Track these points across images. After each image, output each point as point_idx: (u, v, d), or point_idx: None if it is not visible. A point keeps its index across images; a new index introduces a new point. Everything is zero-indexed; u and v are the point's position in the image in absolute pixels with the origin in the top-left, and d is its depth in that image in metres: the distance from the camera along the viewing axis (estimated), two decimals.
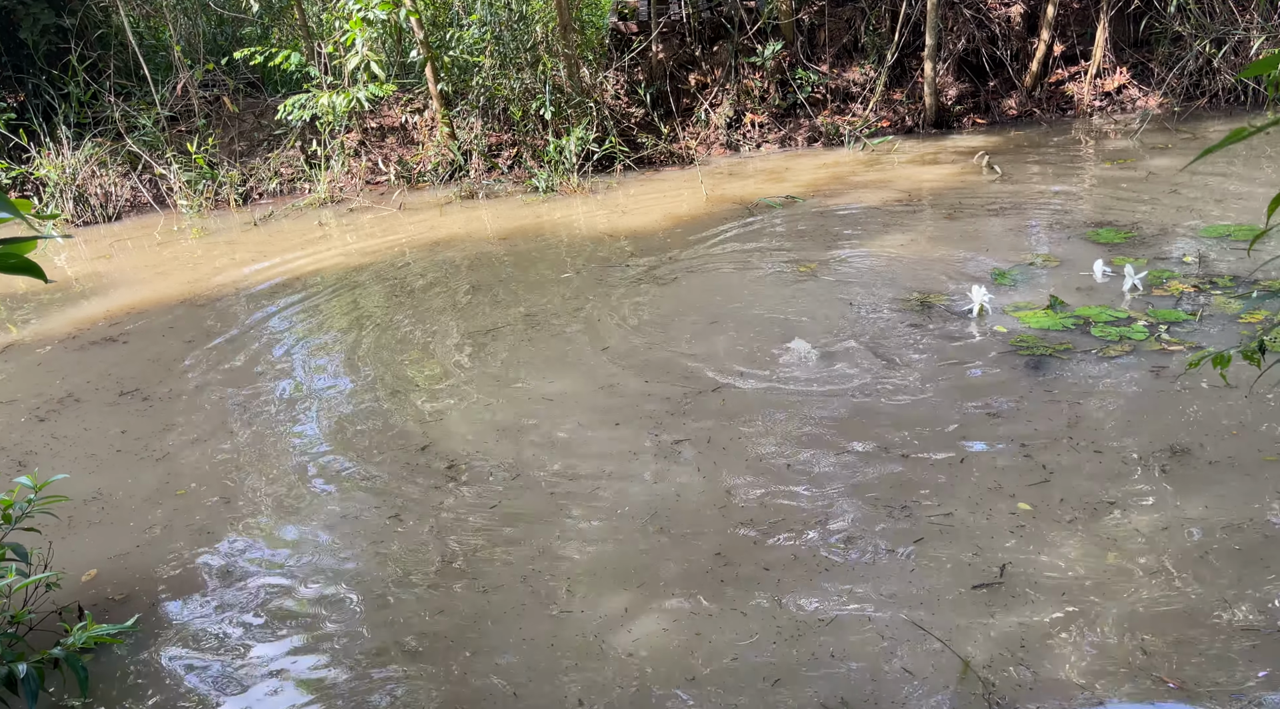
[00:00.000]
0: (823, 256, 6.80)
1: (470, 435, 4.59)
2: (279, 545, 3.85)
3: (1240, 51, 10.44)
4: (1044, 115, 11.10)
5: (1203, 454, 3.85)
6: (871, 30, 11.23)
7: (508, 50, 10.37)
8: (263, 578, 3.65)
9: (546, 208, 9.10)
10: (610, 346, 5.51)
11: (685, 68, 11.37)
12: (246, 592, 3.57)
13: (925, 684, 2.84)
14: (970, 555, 3.40)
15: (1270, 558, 3.22)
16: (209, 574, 3.70)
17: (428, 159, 10.55)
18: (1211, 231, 6.46)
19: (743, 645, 3.06)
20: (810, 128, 11.02)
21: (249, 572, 3.69)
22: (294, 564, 3.71)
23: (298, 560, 3.73)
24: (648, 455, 4.26)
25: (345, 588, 3.54)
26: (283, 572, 3.67)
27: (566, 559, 3.59)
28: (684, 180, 9.74)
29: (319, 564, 3.70)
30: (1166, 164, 8.56)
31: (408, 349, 5.77)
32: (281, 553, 3.79)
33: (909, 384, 4.70)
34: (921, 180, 8.89)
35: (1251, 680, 2.73)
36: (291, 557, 3.76)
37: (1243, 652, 2.84)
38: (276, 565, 3.71)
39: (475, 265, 7.39)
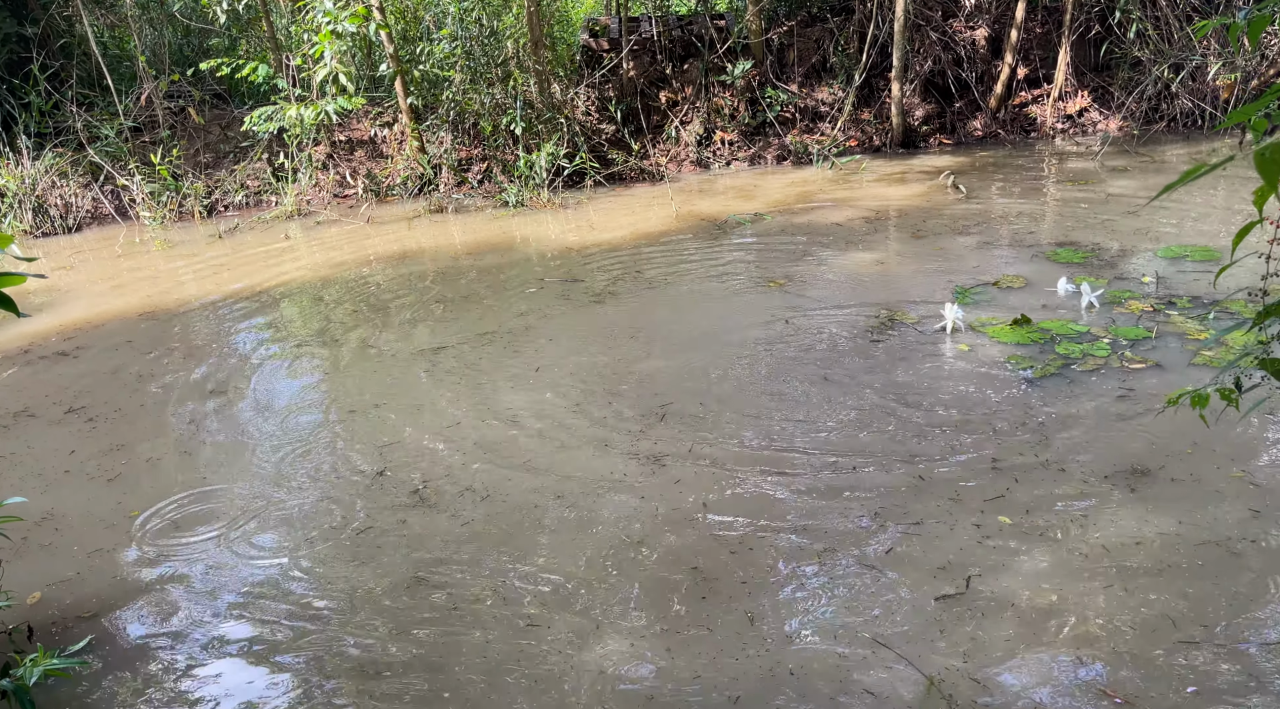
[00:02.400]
0: (791, 273, 6.84)
1: (437, 454, 4.55)
2: (235, 569, 3.77)
3: (1197, 76, 10.69)
4: (1008, 136, 11.29)
5: (1163, 472, 3.91)
6: (840, 51, 11.37)
7: (478, 65, 10.36)
8: (219, 602, 3.57)
9: (516, 222, 9.08)
10: (579, 363, 5.49)
11: (656, 85, 11.44)
12: (201, 616, 3.49)
13: (889, 701, 2.84)
14: (937, 567, 3.42)
15: (1221, 574, 3.26)
16: (163, 598, 3.62)
17: (396, 172, 10.50)
18: (1168, 253, 6.58)
19: (708, 663, 3.04)
20: (780, 146, 11.11)
21: (204, 596, 3.61)
22: (251, 588, 3.64)
23: (255, 584, 3.66)
24: (619, 472, 4.24)
25: (305, 610, 3.48)
26: (239, 596, 3.60)
27: (538, 577, 3.56)
28: (654, 196, 9.77)
29: (278, 587, 3.63)
30: (1126, 186, 8.73)
31: (373, 365, 5.71)
32: (238, 576, 3.72)
33: (877, 398, 4.73)
34: (888, 199, 8.99)
35: (1188, 692, 2.76)
36: (248, 580, 3.69)
37: (1184, 665, 2.87)
38: (233, 589, 3.64)
39: (442, 280, 7.35)
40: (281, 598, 3.54)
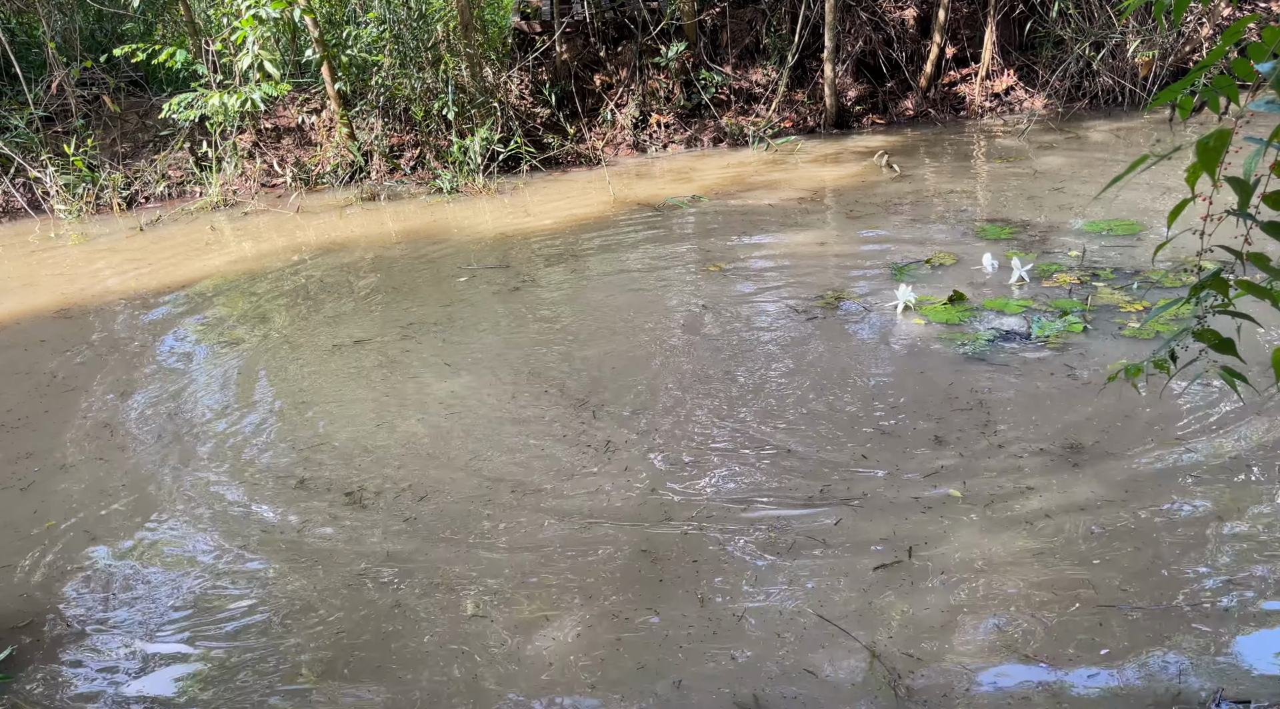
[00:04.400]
0: (731, 256, 6.85)
1: (370, 453, 4.45)
2: (161, 578, 3.64)
3: (1117, 54, 10.98)
4: (939, 115, 11.46)
5: (1099, 444, 4.00)
6: (773, 32, 11.39)
7: (408, 49, 10.14)
8: (144, 613, 3.44)
9: (451, 209, 8.93)
10: (515, 353, 5.42)
11: (590, 68, 11.33)
12: (127, 628, 3.36)
13: (835, 675, 2.86)
14: (880, 539, 3.46)
15: (1148, 540, 3.36)
16: (84, 611, 3.47)
17: (326, 160, 10.24)
18: (1094, 227, 6.76)
19: (654, 650, 3.03)
20: (715, 128, 11.11)
21: (128, 607, 3.48)
22: (180, 598, 3.52)
23: (184, 593, 3.54)
24: (564, 460, 4.20)
25: (238, 617, 3.37)
26: (167, 605, 3.48)
27: (482, 572, 3.50)
28: (591, 181, 9.69)
29: (209, 596, 3.51)
30: (1053, 162, 8.93)
31: (302, 361, 5.56)
32: (165, 586, 3.59)
33: (820, 378, 4.76)
34: (824, 179, 9.06)
35: (1101, 654, 2.84)
36: (176, 590, 3.57)
37: (1100, 629, 2.94)
38: (160, 599, 3.51)
39: (375, 270, 7.19)
40: (213, 607, 3.42)
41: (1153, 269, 5.75)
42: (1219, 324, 1.97)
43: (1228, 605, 3.00)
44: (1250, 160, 1.53)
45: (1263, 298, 1.67)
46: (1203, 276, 1.67)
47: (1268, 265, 1.66)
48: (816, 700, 2.78)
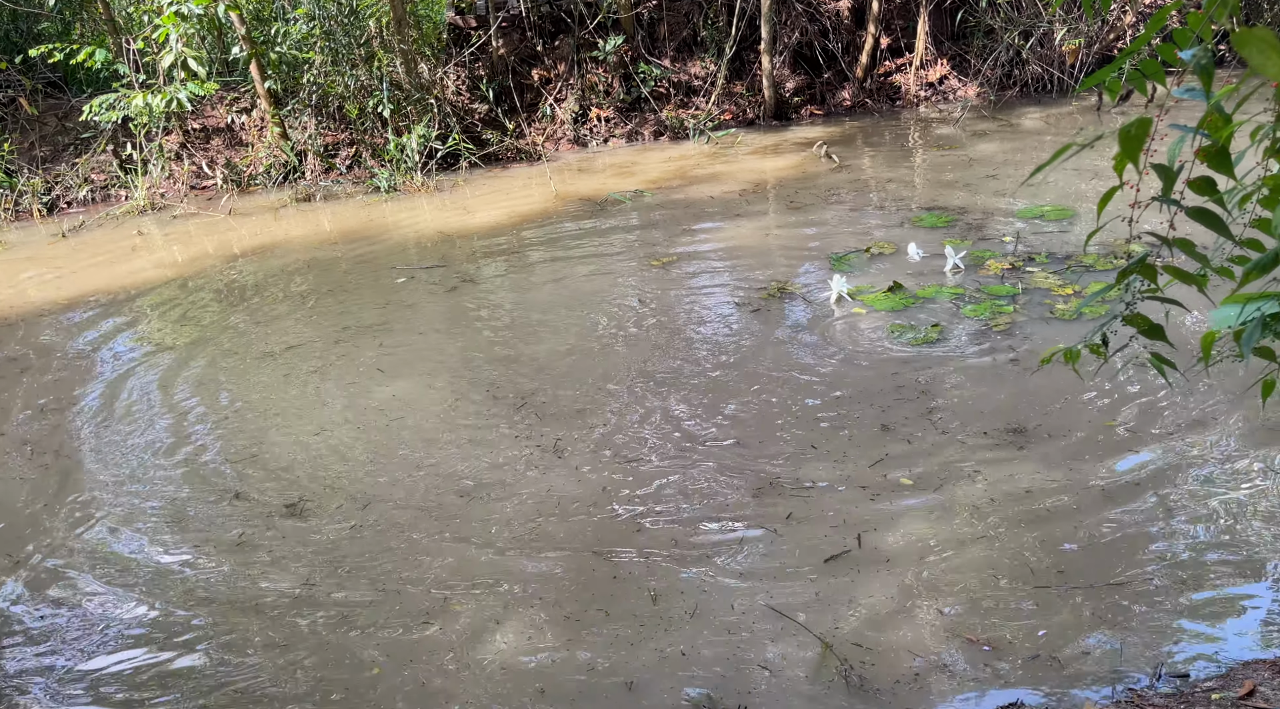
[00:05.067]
0: (675, 250, 6.83)
1: (309, 461, 4.34)
2: (96, 600, 3.50)
3: (1045, 43, 11.22)
4: (875, 105, 11.59)
5: (1040, 427, 4.08)
6: (710, 24, 11.40)
7: (339, 46, 9.91)
8: (81, 636, 3.31)
9: (389, 208, 8.77)
10: (457, 354, 5.34)
11: (527, 63, 11.22)
12: (62, 653, 3.23)
13: (788, 667, 2.86)
14: (830, 528, 3.48)
15: (1086, 520, 3.43)
16: (12, 639, 3.32)
17: (258, 161, 9.97)
18: (1027, 213, 6.89)
19: (606, 650, 3.00)
20: (656, 122, 11.09)
21: (62, 631, 3.34)
22: (116, 621, 3.39)
23: (120, 616, 3.41)
24: (511, 462, 4.14)
25: (180, 633, 3.26)
26: (105, 629, 3.34)
27: (432, 576, 3.44)
28: (532, 177, 9.60)
29: (148, 617, 3.39)
30: (987, 149, 9.09)
31: (235, 368, 5.41)
32: (101, 608, 3.46)
33: (766, 371, 4.77)
34: (765, 171, 9.10)
35: (1040, 635, 2.89)
36: (111, 612, 3.43)
37: (1036, 610, 3.00)
38: (96, 622, 3.38)
39: (310, 272, 7.02)
40: (152, 626, 3.31)
41: (1085, 254, 5.88)
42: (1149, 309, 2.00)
43: (1165, 583, 3.07)
44: (1174, 147, 1.55)
45: (1189, 283, 1.70)
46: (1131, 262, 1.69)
47: (1193, 250, 1.68)
48: (770, 694, 2.78)
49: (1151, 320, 1.77)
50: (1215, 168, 1.51)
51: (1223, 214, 1.57)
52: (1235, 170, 1.51)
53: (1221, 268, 1.65)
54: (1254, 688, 2.42)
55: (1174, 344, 1.98)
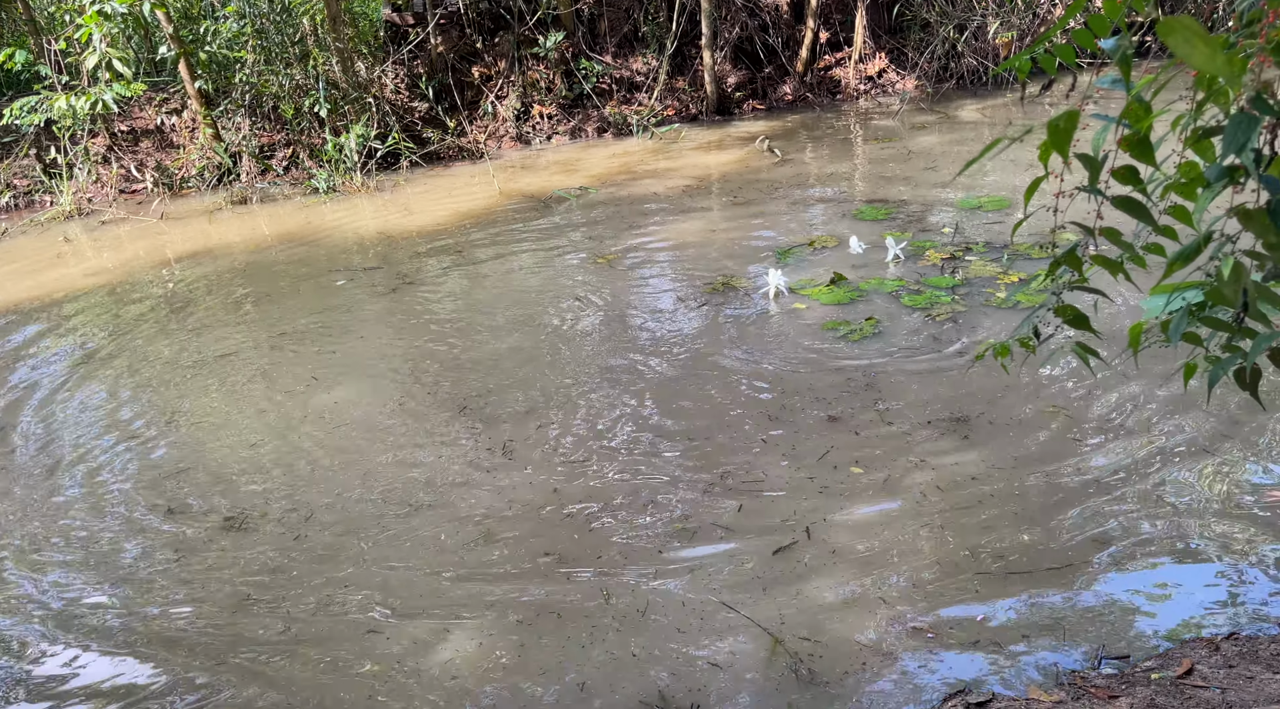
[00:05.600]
0: (620, 246, 6.80)
1: (247, 472, 4.22)
2: (26, 624, 3.37)
3: (979, 36, 11.42)
4: (816, 99, 11.68)
5: (984, 415, 4.13)
6: (650, 20, 11.38)
7: (272, 44, 9.69)
8: (14, 662, 3.17)
9: (328, 210, 8.59)
10: (400, 358, 5.25)
11: (467, 60, 11.08)
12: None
13: (739, 663, 2.86)
14: (780, 521, 3.49)
15: (1027, 505, 3.49)
16: None
17: (191, 163, 9.71)
18: (966, 204, 7.00)
19: (557, 654, 2.97)
20: (599, 118, 11.04)
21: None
22: (49, 648, 3.26)
23: (54, 643, 3.28)
24: (460, 466, 4.07)
25: (120, 656, 3.15)
26: (35, 655, 3.21)
27: (379, 585, 3.36)
28: (475, 175, 9.49)
29: (84, 641, 3.26)
30: (926, 142, 9.22)
31: (167, 377, 5.25)
32: (30, 633, 3.32)
33: (713, 367, 4.77)
34: (709, 166, 9.11)
35: (978, 620, 2.94)
36: (44, 638, 3.30)
37: (977, 596, 3.04)
38: (27, 650, 3.24)
39: (247, 276, 6.85)
40: (80, 646, 3.18)
41: (1018, 244, 5.99)
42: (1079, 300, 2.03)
43: (1105, 566, 3.13)
44: (1098, 137, 1.56)
45: (1115, 272, 1.72)
46: (1058, 253, 1.71)
47: (1119, 239, 1.70)
48: (722, 691, 2.77)
49: (1079, 310, 1.79)
50: (1137, 157, 1.53)
51: (1146, 202, 1.59)
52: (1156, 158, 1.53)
53: (1136, 256, 1.67)
54: (1191, 666, 2.47)
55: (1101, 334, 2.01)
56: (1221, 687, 2.34)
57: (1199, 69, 1.17)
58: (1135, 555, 3.16)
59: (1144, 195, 1.59)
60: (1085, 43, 1.72)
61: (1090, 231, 1.65)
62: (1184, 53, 1.16)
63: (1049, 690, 2.55)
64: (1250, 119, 1.28)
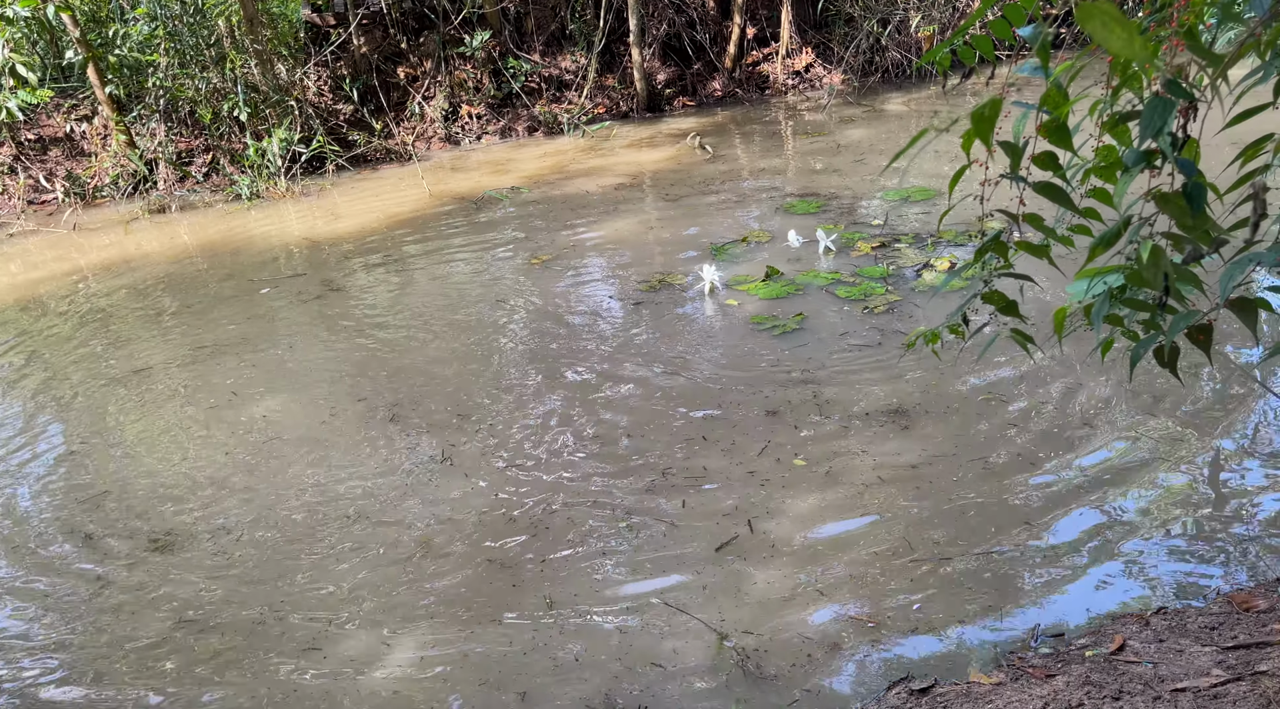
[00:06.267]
0: (554, 246, 6.74)
1: (172, 493, 4.06)
2: None
3: (902, 30, 11.62)
4: (746, 95, 11.76)
5: (920, 405, 4.18)
6: (577, 17, 11.32)
7: (186, 47, 9.37)
8: None
9: (252, 216, 8.35)
10: (329, 366, 5.11)
11: (392, 60, 10.88)
12: None
13: (685, 662, 2.84)
14: (722, 516, 3.48)
15: (963, 492, 3.54)
16: None
17: (104, 172, 9.34)
18: (894, 195, 7.11)
19: (498, 662, 2.91)
20: (529, 117, 10.94)
21: None
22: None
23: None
24: (397, 476, 3.97)
25: (43, 686, 2.99)
26: None
27: (317, 603, 3.26)
28: (404, 177, 9.32)
29: (8, 658, 3.10)
30: (855, 135, 9.35)
31: (82, 397, 5.02)
32: None
33: (651, 365, 4.75)
34: (641, 164, 9.09)
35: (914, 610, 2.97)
36: None
37: (911, 584, 3.08)
38: None
39: (166, 288, 6.61)
40: (11, 689, 3.02)
41: (946, 231, 6.10)
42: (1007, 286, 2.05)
43: (1039, 547, 3.19)
44: (1018, 124, 1.57)
45: (1039, 256, 1.74)
46: (984, 241, 1.72)
47: (1041, 224, 1.72)
48: (669, 691, 2.74)
49: (1008, 297, 1.80)
50: (1056, 143, 1.54)
51: (1065, 187, 1.60)
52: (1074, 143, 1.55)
53: (1063, 237, 1.69)
54: (1124, 642, 2.53)
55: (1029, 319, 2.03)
56: (1153, 661, 2.40)
57: (1116, 53, 1.17)
58: (1067, 535, 3.22)
59: (1064, 180, 1.60)
60: (1002, 33, 1.73)
61: (1014, 218, 1.66)
62: (1101, 37, 1.16)
63: (989, 673, 2.59)
64: (1165, 103, 1.30)
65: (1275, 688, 2.05)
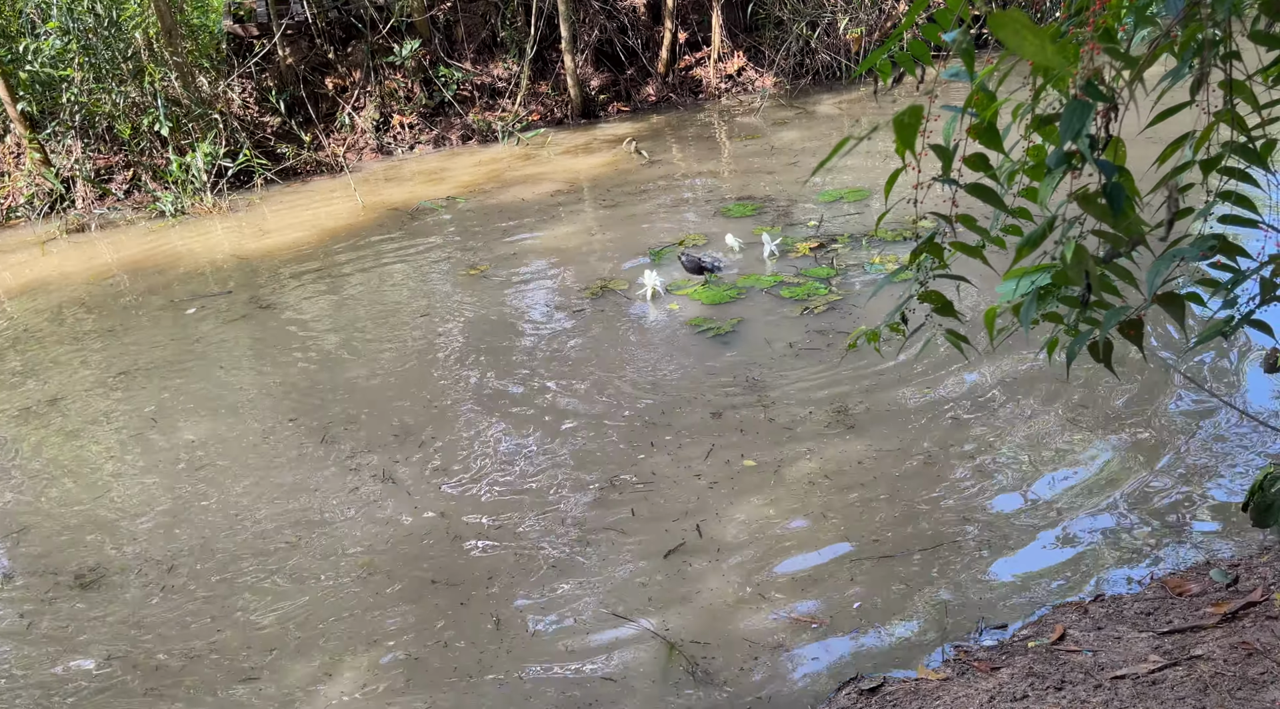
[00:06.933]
0: (493, 255, 6.66)
1: (95, 526, 3.90)
2: None
3: (831, 32, 11.78)
4: (680, 99, 11.80)
5: (863, 404, 4.22)
6: (508, 25, 11.24)
7: (102, 61, 9.05)
8: None
9: (177, 233, 8.09)
10: (261, 387, 4.97)
11: (320, 71, 10.66)
12: None
13: (636, 673, 2.81)
14: (671, 521, 3.46)
15: (902, 489, 3.58)
16: None
17: (18, 191, 8.96)
18: (828, 196, 7.19)
19: (445, 689, 2.84)
20: (463, 126, 10.82)
21: None
22: None
23: None
24: (337, 498, 3.87)
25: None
26: None
27: (255, 633, 3.15)
28: (336, 189, 9.13)
29: None
30: (788, 137, 9.44)
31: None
32: None
33: (596, 371, 4.71)
34: (578, 170, 9.05)
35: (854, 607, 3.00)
36: None
37: (850, 582, 3.10)
38: None
39: (86, 310, 6.36)
40: None
41: (883, 231, 6.19)
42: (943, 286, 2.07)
43: (981, 541, 3.24)
44: (948, 127, 1.58)
45: (974, 256, 1.75)
46: (919, 242, 1.73)
47: (974, 224, 1.73)
48: (620, 703, 2.71)
49: (945, 297, 1.81)
50: (986, 144, 1.55)
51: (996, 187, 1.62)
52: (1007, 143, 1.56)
53: (997, 237, 1.71)
54: (1064, 631, 2.57)
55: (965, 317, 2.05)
56: (1093, 649, 2.44)
57: (1029, 60, 1.18)
58: (1007, 527, 3.28)
59: (995, 181, 1.62)
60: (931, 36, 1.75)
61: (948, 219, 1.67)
62: (1015, 45, 1.17)
63: (937, 669, 2.61)
64: (1083, 106, 1.31)
65: (1210, 671, 2.10)
